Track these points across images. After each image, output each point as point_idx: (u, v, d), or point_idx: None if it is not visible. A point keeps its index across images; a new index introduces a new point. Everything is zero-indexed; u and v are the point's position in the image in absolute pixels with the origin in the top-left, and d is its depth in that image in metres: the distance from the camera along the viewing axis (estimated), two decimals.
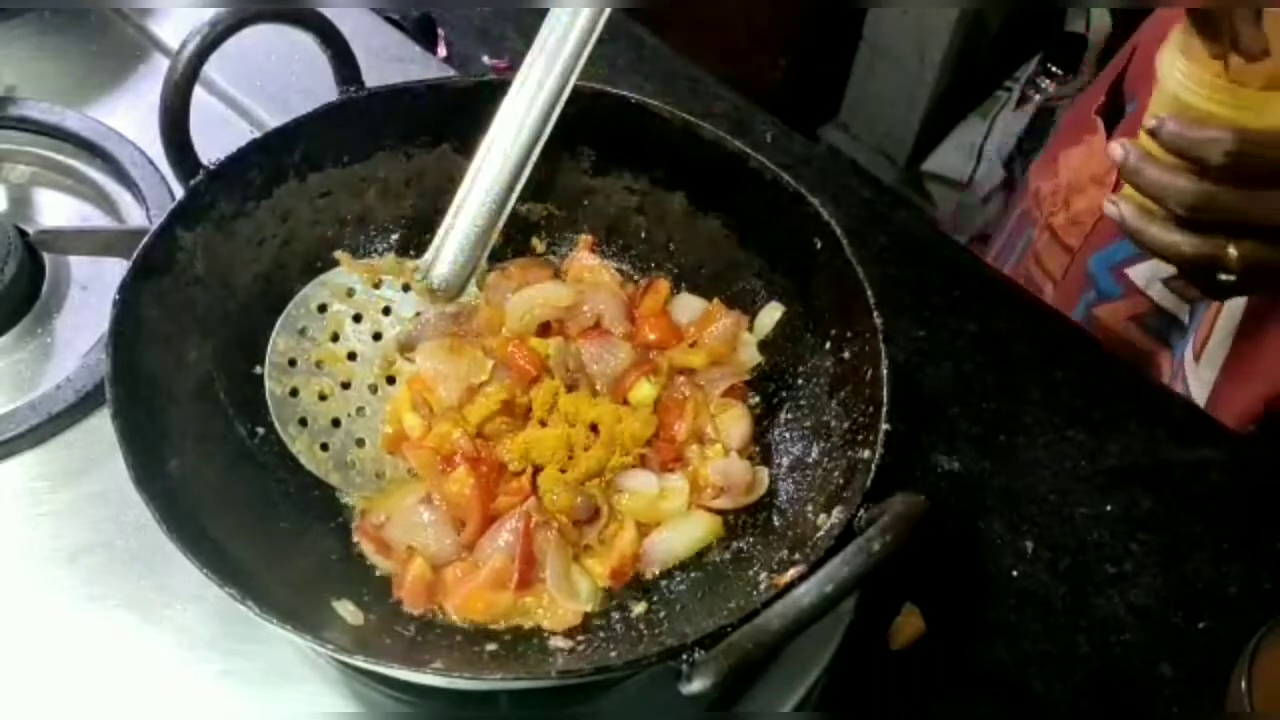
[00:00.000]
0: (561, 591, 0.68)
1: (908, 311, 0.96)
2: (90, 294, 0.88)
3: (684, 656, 0.56)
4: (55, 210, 0.94)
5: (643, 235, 0.83)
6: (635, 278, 0.83)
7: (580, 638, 0.68)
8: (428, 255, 0.77)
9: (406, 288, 0.78)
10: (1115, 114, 1.06)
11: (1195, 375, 0.98)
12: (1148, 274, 1.01)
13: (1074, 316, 1.07)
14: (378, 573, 0.70)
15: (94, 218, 0.93)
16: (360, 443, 0.74)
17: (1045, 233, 1.13)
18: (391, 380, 0.76)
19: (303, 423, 0.73)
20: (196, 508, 0.64)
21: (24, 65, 1.01)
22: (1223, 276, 0.72)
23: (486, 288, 0.79)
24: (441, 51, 1.12)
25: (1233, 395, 0.95)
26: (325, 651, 0.60)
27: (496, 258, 0.80)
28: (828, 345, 0.74)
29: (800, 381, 0.76)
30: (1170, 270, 0.77)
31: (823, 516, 0.66)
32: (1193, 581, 0.84)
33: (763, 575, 0.66)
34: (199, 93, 0.72)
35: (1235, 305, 0.94)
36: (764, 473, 0.74)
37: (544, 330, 0.78)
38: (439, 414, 0.74)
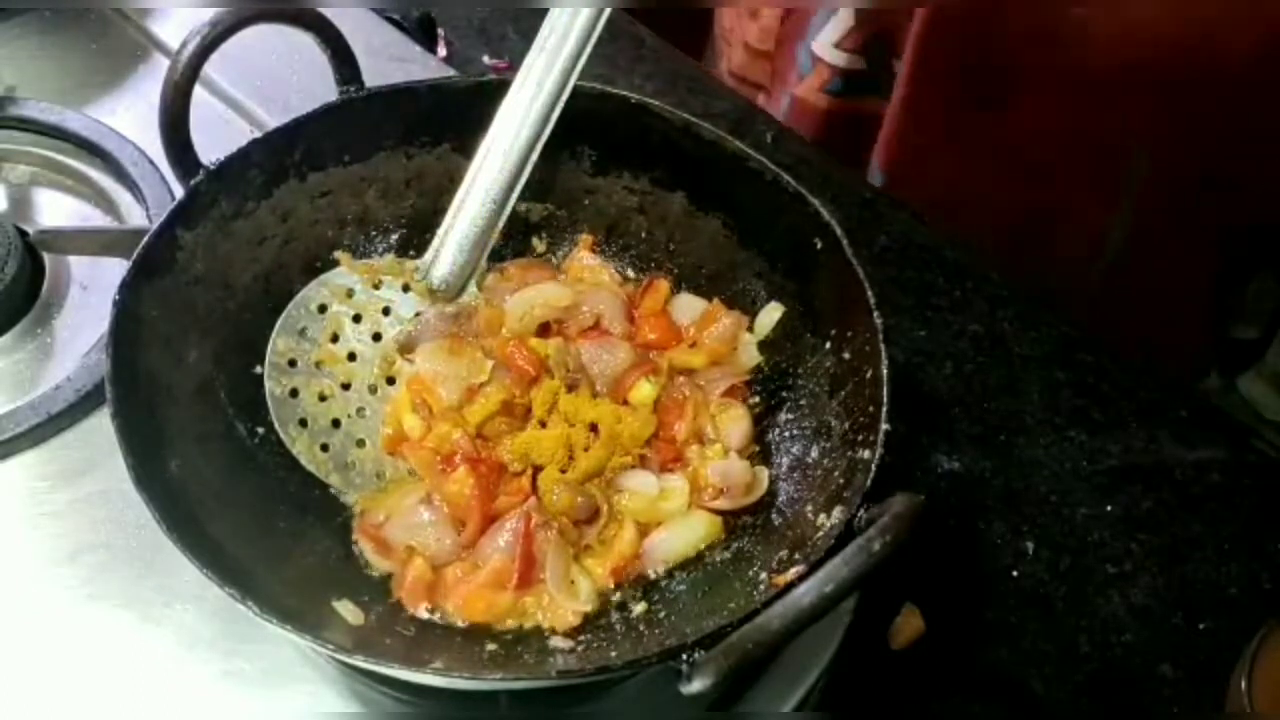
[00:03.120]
0: (561, 591, 0.68)
1: (908, 311, 0.96)
2: (90, 294, 0.88)
3: (684, 656, 0.56)
4: (55, 210, 0.94)
5: (643, 235, 0.83)
6: (635, 278, 0.83)
7: (580, 638, 0.67)
8: (428, 255, 0.77)
9: (406, 288, 0.78)
10: None
11: None
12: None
13: (780, 113, 1.19)
14: (377, 573, 0.70)
15: (94, 218, 0.93)
16: (360, 443, 0.74)
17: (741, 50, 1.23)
18: (391, 381, 0.76)
19: (303, 423, 0.73)
20: (196, 508, 0.64)
21: (24, 65, 1.01)
22: None
23: (486, 288, 0.79)
24: (441, 51, 1.12)
25: None
26: (325, 651, 0.60)
27: (496, 258, 0.80)
28: (828, 345, 0.74)
29: (800, 381, 0.76)
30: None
31: (823, 516, 0.66)
32: (1193, 581, 0.83)
33: (763, 575, 0.66)
34: (199, 93, 0.72)
35: None
36: (764, 473, 0.74)
37: (544, 330, 0.78)
38: (439, 414, 0.74)
